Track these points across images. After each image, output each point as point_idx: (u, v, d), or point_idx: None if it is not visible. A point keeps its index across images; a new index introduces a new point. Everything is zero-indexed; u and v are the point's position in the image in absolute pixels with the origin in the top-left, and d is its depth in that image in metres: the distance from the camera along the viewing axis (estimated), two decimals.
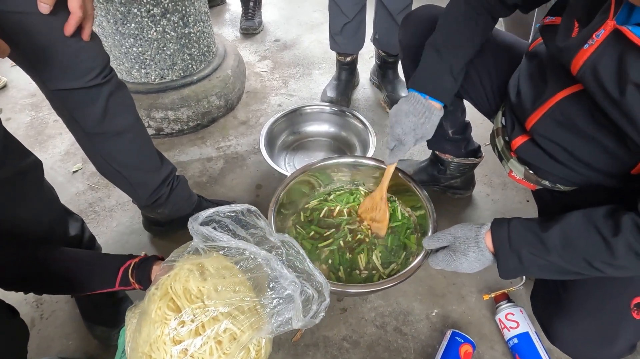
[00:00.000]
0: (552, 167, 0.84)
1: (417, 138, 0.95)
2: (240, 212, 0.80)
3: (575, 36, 0.67)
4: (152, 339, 0.66)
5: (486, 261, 0.80)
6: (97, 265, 0.82)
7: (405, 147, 0.95)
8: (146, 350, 0.66)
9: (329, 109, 1.59)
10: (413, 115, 0.92)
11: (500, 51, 1.00)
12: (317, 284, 0.76)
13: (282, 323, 0.69)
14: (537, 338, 1.01)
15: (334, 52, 1.74)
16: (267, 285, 0.71)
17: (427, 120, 0.93)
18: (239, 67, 1.79)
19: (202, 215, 0.77)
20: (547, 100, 0.78)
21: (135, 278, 0.80)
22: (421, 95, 0.93)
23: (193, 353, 0.64)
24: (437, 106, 0.93)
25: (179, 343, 0.64)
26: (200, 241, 0.75)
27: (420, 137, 0.95)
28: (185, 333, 0.64)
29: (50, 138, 1.68)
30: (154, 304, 0.68)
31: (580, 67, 0.65)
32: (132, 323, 0.74)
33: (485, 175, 1.48)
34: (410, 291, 1.17)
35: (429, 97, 0.92)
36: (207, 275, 0.70)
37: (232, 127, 1.71)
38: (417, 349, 1.06)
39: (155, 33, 1.46)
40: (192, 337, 0.64)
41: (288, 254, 0.79)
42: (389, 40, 1.64)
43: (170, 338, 0.64)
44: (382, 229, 1.10)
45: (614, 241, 0.66)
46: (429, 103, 0.92)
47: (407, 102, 0.94)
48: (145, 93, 1.57)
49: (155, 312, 0.67)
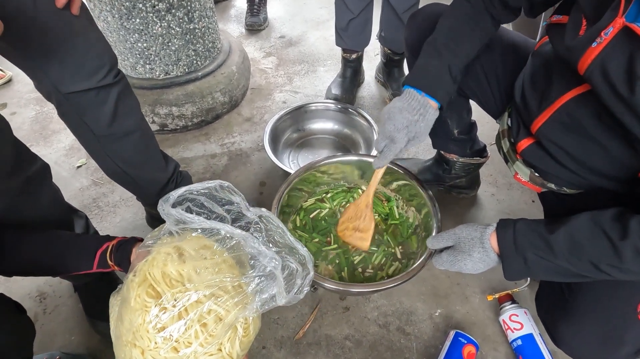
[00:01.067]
0: (558, 171, 0.83)
1: (410, 137, 0.88)
2: (214, 188, 0.78)
3: (582, 34, 0.66)
4: (134, 327, 0.64)
5: (491, 262, 0.79)
6: (73, 248, 0.80)
7: (396, 145, 0.88)
8: (130, 339, 0.65)
9: (333, 107, 1.58)
10: (407, 112, 0.87)
11: (508, 50, 0.98)
12: (301, 257, 0.74)
13: (266, 300, 0.68)
14: (541, 339, 1.00)
15: (339, 49, 1.73)
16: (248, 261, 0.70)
17: (421, 117, 0.87)
18: (244, 63, 1.78)
19: (174, 195, 0.75)
20: (553, 102, 0.77)
21: (114, 261, 0.78)
22: (417, 91, 0.88)
23: (178, 338, 0.63)
24: (434, 105, 0.88)
25: (163, 329, 0.63)
26: (172, 224, 0.73)
27: (413, 136, 0.89)
28: (168, 319, 0.63)
29: (55, 133, 1.68)
30: (133, 291, 0.66)
31: (588, 66, 0.64)
32: (115, 310, 0.72)
33: (491, 175, 1.47)
34: (414, 290, 1.17)
35: (424, 94, 0.88)
36: (186, 257, 0.68)
37: (236, 123, 1.71)
38: (419, 349, 1.06)
39: (160, 28, 1.45)
40: (175, 322, 0.63)
41: (267, 229, 0.77)
42: (394, 38, 1.63)
43: (152, 325, 0.63)
44: (365, 240, 1.02)
45: (621, 245, 0.65)
46: (425, 100, 0.87)
47: (402, 99, 0.89)
48: (149, 89, 1.57)
49: (134, 300, 0.66)
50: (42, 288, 1.19)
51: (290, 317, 1.11)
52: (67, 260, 0.79)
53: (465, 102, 1.13)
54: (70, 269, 0.80)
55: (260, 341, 1.07)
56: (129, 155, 1.03)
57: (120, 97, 0.94)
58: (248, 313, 0.67)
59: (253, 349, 1.05)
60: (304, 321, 1.10)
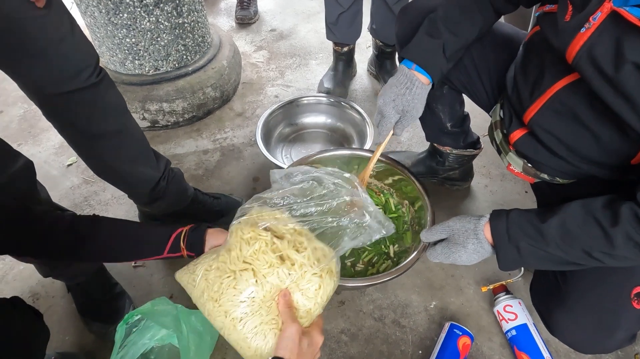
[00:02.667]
0: (551, 161, 0.83)
1: (398, 111, 0.92)
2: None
3: (569, 20, 0.66)
4: (247, 254, 0.68)
5: (485, 253, 0.80)
6: (145, 233, 0.81)
7: (386, 119, 0.93)
8: (239, 267, 0.68)
9: (325, 100, 1.57)
10: (395, 86, 0.91)
11: (499, 43, 0.98)
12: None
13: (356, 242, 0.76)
14: (535, 329, 1.01)
15: (331, 41, 1.72)
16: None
17: (407, 91, 0.90)
18: (235, 57, 1.77)
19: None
20: (545, 91, 0.77)
21: (187, 243, 0.79)
22: (407, 66, 0.91)
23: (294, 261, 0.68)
24: (424, 79, 0.90)
25: (277, 250, 0.68)
26: (282, 180, 0.81)
27: (402, 109, 0.92)
28: (284, 244, 0.69)
29: (44, 131, 1.66)
30: (244, 229, 0.70)
31: (577, 52, 0.64)
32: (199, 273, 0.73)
33: (484, 166, 1.48)
34: (409, 283, 1.17)
35: (415, 67, 0.90)
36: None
37: (228, 118, 1.70)
38: (415, 341, 1.06)
39: (148, 23, 1.43)
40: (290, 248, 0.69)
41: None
42: (386, 30, 1.62)
43: (270, 248, 0.68)
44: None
45: (612, 232, 0.65)
46: (412, 74, 0.90)
47: (394, 77, 0.93)
48: (139, 85, 1.55)
49: (247, 234, 0.70)
50: (35, 289, 1.18)
51: None
52: (139, 245, 0.80)
53: (457, 94, 1.13)
54: (142, 253, 0.80)
55: None
56: (117, 154, 1.01)
57: (108, 95, 0.92)
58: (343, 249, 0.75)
59: None
60: None
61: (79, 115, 0.91)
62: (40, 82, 0.83)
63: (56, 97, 0.86)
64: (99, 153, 1.00)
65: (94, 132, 0.94)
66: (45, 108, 0.90)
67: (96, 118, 0.92)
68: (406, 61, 0.92)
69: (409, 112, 0.92)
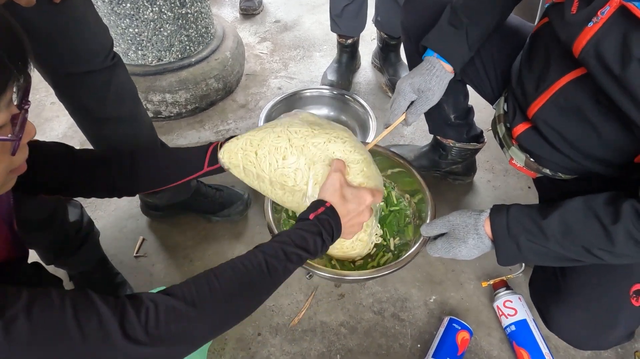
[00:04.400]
0: (554, 156, 0.82)
1: (414, 88, 0.91)
2: None
3: (576, 13, 0.65)
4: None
5: (485, 248, 0.80)
6: (183, 153, 0.83)
7: (401, 96, 0.92)
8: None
9: (328, 93, 1.56)
10: (416, 69, 0.92)
11: (505, 35, 0.97)
12: None
13: None
14: (534, 325, 1.01)
15: (335, 33, 1.70)
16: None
17: (427, 71, 0.90)
18: (238, 48, 1.76)
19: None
20: (550, 85, 0.76)
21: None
22: (430, 54, 0.91)
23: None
24: (447, 67, 0.91)
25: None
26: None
27: (418, 88, 0.91)
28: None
29: (48, 121, 1.66)
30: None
31: (584, 47, 0.64)
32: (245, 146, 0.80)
33: (487, 161, 1.47)
34: (408, 277, 1.17)
35: (436, 55, 0.90)
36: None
37: (231, 110, 1.69)
38: (414, 335, 1.06)
39: (151, 13, 1.42)
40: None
41: None
42: (391, 22, 1.60)
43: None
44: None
45: (613, 229, 0.65)
46: (434, 59, 0.90)
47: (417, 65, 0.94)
48: (142, 75, 1.54)
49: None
50: None
51: (286, 304, 1.11)
52: (181, 165, 0.82)
53: (462, 86, 1.12)
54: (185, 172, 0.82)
55: (255, 327, 1.07)
56: (127, 140, 1.02)
57: (119, 80, 0.93)
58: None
59: (248, 336, 1.06)
60: (299, 308, 1.11)
61: (92, 97, 0.91)
62: (55, 61, 0.84)
63: (70, 78, 0.87)
64: (108, 137, 1.00)
65: (105, 115, 0.95)
66: (59, 89, 0.91)
67: (108, 102, 0.93)
68: (429, 51, 0.92)
69: (424, 93, 0.91)
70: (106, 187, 0.79)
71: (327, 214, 0.70)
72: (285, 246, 0.65)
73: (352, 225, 0.75)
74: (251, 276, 0.60)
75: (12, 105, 0.48)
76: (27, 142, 0.52)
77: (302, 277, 1.16)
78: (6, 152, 0.48)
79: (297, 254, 0.65)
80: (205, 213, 1.28)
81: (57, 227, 0.97)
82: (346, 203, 0.73)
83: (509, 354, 1.03)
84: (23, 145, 0.51)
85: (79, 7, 0.82)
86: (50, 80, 0.88)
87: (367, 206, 0.75)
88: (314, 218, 0.69)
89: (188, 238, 1.26)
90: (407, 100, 0.92)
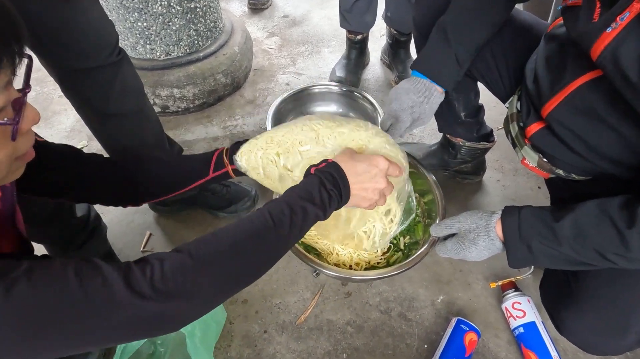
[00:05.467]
0: (568, 157, 0.81)
1: (414, 117, 0.94)
2: None
3: (597, 19, 0.63)
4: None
5: (496, 250, 0.78)
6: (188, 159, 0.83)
7: (400, 124, 0.94)
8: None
9: (337, 89, 1.55)
10: (413, 94, 0.92)
11: (518, 32, 0.95)
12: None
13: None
14: (543, 327, 1.00)
15: (344, 29, 1.69)
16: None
17: (426, 99, 0.92)
18: (246, 43, 1.75)
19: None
20: (566, 85, 0.74)
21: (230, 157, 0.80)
22: (423, 77, 0.92)
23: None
24: (439, 89, 0.93)
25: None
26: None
27: (417, 117, 0.94)
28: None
29: (56, 114, 1.66)
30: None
31: (601, 52, 0.62)
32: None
33: (497, 160, 1.45)
34: (416, 277, 1.16)
35: (430, 80, 0.92)
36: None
37: (238, 105, 1.68)
38: (421, 335, 1.06)
39: (160, 7, 1.42)
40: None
41: None
42: (401, 19, 1.58)
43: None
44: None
45: (628, 234, 0.63)
46: (430, 84, 0.92)
47: (409, 81, 0.94)
48: (150, 69, 1.54)
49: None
50: None
51: (292, 302, 1.11)
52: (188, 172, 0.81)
53: (472, 83, 1.10)
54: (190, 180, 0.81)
55: (261, 325, 1.07)
56: (132, 135, 1.02)
57: (125, 75, 0.93)
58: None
59: (254, 333, 1.06)
60: (305, 306, 1.10)
61: (98, 92, 0.91)
62: (60, 56, 0.84)
63: (76, 73, 0.87)
64: (114, 132, 1.00)
65: (111, 110, 0.94)
66: (64, 84, 0.91)
67: (114, 97, 0.93)
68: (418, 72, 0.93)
69: (421, 119, 0.95)
70: (111, 194, 0.78)
71: (329, 167, 0.67)
72: (288, 199, 0.62)
73: (365, 189, 0.69)
74: (257, 229, 0.58)
75: (12, 88, 0.47)
76: (30, 127, 0.50)
77: (308, 275, 1.16)
78: (7, 137, 0.47)
79: (302, 206, 0.62)
80: (212, 209, 1.28)
81: (64, 221, 0.97)
82: (355, 163, 0.69)
83: (516, 356, 1.02)
84: (25, 130, 0.50)
85: (84, 2, 0.82)
86: (56, 75, 0.88)
87: (382, 171, 0.70)
88: (315, 171, 0.67)
89: (195, 233, 1.26)
90: (406, 126, 0.95)
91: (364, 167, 0.68)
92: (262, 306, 1.10)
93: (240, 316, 1.09)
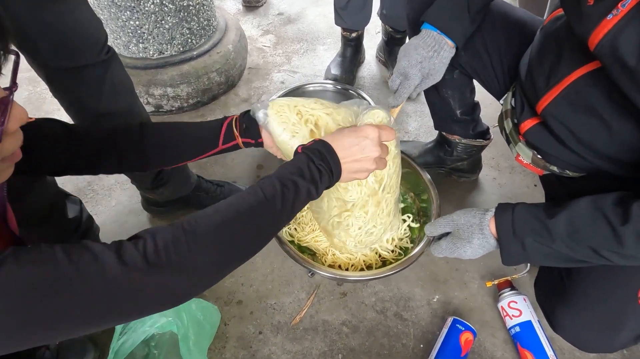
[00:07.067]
0: (562, 153, 0.80)
1: (424, 74, 0.90)
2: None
3: (592, 4, 0.62)
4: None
5: (490, 248, 0.78)
6: (197, 128, 0.80)
7: (410, 81, 0.90)
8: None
9: (332, 87, 1.54)
10: (422, 48, 0.89)
11: (513, 28, 0.94)
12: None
13: None
14: (539, 326, 0.99)
15: (339, 27, 1.68)
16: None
17: (435, 54, 0.89)
18: (241, 42, 1.73)
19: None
20: (562, 79, 0.74)
21: (240, 128, 0.78)
22: (433, 30, 0.89)
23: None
24: (450, 43, 0.89)
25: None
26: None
27: (427, 73, 0.90)
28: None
29: (49, 114, 1.65)
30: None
31: (600, 39, 0.61)
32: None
33: (493, 158, 1.44)
34: (412, 276, 1.15)
35: (440, 32, 0.88)
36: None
37: (233, 104, 1.67)
38: (417, 335, 1.05)
39: (152, 5, 1.40)
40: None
41: None
42: (396, 16, 1.57)
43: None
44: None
45: (622, 230, 0.63)
46: (440, 37, 0.89)
47: (418, 37, 0.90)
48: (143, 69, 1.53)
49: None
50: None
51: (287, 302, 1.10)
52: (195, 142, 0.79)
53: (468, 80, 1.10)
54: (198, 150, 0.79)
55: (256, 326, 1.06)
56: None
57: (114, 74, 0.92)
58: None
59: (249, 334, 1.05)
60: (300, 306, 1.10)
61: (86, 92, 0.90)
62: (47, 55, 0.82)
63: (64, 72, 0.85)
64: None
65: (100, 110, 0.93)
66: (52, 84, 0.89)
67: (104, 97, 0.91)
68: (427, 25, 0.90)
69: (431, 76, 0.91)
70: (113, 162, 0.76)
71: (316, 144, 0.67)
72: (279, 175, 0.62)
73: (358, 161, 0.68)
74: (249, 203, 0.58)
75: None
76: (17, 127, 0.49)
77: (303, 275, 1.15)
78: None
79: (293, 181, 0.62)
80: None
81: (56, 223, 0.96)
82: (342, 137, 0.68)
83: (513, 355, 1.02)
84: (12, 130, 0.48)
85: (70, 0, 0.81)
86: (44, 74, 0.87)
87: (373, 141, 0.68)
88: (303, 149, 0.67)
89: None
90: (416, 83, 0.91)
91: (351, 140, 0.68)
92: (257, 307, 1.09)
93: (235, 317, 1.08)
